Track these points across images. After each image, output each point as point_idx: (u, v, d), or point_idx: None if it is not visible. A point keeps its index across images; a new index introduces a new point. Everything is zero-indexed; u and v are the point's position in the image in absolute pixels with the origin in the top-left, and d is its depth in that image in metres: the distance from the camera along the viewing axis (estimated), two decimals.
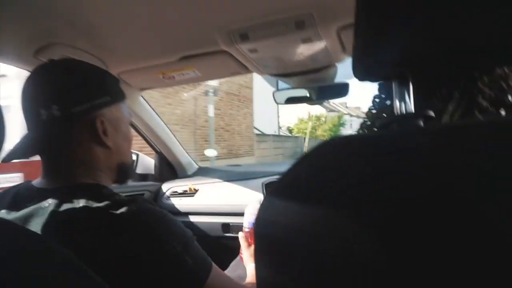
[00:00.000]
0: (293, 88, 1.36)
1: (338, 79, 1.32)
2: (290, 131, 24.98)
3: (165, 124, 1.69)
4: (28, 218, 0.59)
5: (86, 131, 0.66)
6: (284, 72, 1.22)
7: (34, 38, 0.97)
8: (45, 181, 0.66)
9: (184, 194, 1.65)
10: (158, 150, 1.74)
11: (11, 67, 1.09)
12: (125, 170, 0.75)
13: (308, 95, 1.36)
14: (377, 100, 0.37)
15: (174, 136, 1.77)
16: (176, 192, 1.67)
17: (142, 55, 1.13)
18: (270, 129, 14.35)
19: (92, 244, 0.54)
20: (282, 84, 1.36)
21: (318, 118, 28.48)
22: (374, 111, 0.37)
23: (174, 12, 0.87)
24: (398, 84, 0.32)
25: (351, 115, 33.15)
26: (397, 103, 0.32)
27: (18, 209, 0.61)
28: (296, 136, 21.29)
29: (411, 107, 0.32)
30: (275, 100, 1.36)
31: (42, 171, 0.68)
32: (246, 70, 1.21)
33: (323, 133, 27.00)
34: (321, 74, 1.24)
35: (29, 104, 0.65)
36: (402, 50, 0.32)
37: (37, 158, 0.69)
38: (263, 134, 13.15)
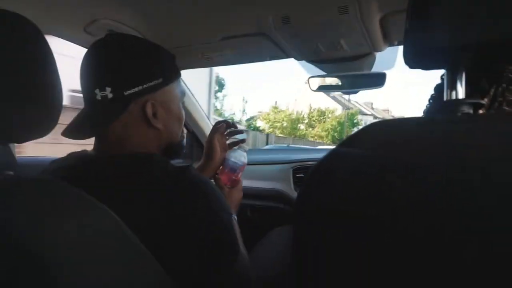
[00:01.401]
0: (328, 75, 1.35)
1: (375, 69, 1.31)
2: (249, 124, 23.89)
3: (199, 105, 1.73)
4: (83, 182, 0.61)
5: (137, 114, 0.67)
6: (322, 58, 1.22)
7: (82, 13, 1.01)
8: (101, 150, 0.69)
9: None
10: (191, 129, 1.78)
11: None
12: (174, 149, 0.76)
13: (342, 83, 1.35)
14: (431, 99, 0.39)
15: (207, 116, 1.81)
16: None
17: (183, 35, 1.16)
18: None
19: (147, 210, 0.55)
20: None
21: (322, 113, 26.59)
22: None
23: None
24: (451, 71, 0.33)
25: (375, 117, 32.28)
26: (447, 90, 0.33)
27: (66, 171, 0.63)
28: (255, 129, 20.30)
29: (462, 95, 0.32)
30: (309, 86, 1.36)
31: (96, 143, 0.70)
32: (283, 54, 1.22)
33: (320, 133, 25.30)
34: (358, 63, 1.23)
35: (86, 83, 0.67)
36: (458, 35, 0.32)
37: None
38: None
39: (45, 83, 0.53)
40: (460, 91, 0.32)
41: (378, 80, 1.28)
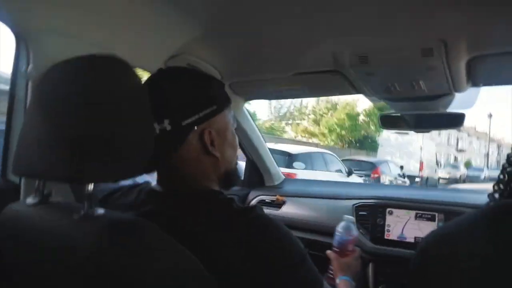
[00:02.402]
0: (401, 113, 1.30)
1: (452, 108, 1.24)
2: None
3: (260, 132, 1.75)
4: (149, 218, 0.62)
5: (196, 143, 0.68)
6: (396, 96, 1.18)
7: (166, 48, 1.08)
8: (164, 185, 0.70)
9: (271, 204, 1.67)
10: (250, 157, 1.80)
11: None
12: (231, 177, 0.77)
13: (415, 122, 1.30)
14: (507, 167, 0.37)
15: (266, 145, 1.82)
16: (263, 200, 1.71)
17: (257, 70, 1.19)
18: None
19: (211, 251, 0.56)
20: None
21: (333, 106, 21.05)
22: None
23: (295, 35, 0.90)
24: None
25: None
26: None
27: (138, 208, 0.66)
28: None
29: None
30: (379, 123, 1.32)
31: (159, 177, 0.72)
32: (356, 91, 1.20)
33: (322, 130, 20.54)
34: (435, 102, 1.18)
35: None
36: None
37: None
38: None
39: (138, 125, 0.55)
40: None
41: (455, 121, 1.21)
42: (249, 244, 0.58)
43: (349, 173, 6.93)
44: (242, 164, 1.87)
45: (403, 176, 10.61)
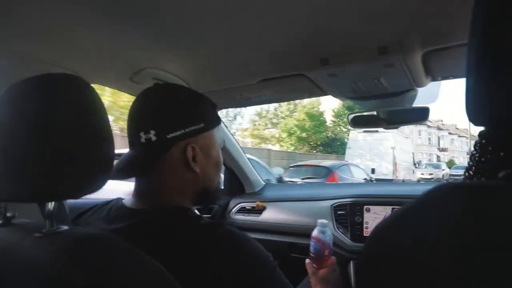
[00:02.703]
0: (367, 111, 1.33)
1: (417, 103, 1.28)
2: None
3: (237, 141, 1.76)
4: (118, 235, 0.63)
5: (178, 156, 0.69)
6: (361, 95, 1.21)
7: (128, 65, 1.08)
8: (136, 201, 0.71)
9: (252, 210, 1.68)
10: (229, 165, 1.80)
11: None
12: (209, 195, 0.77)
13: (383, 118, 1.33)
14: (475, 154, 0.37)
15: (244, 153, 1.83)
16: (244, 208, 1.72)
17: (224, 79, 1.20)
18: None
19: (180, 266, 0.56)
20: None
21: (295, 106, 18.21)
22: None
23: (257, 40, 0.92)
24: None
25: (428, 126, 30.75)
26: None
27: (109, 225, 0.66)
28: None
29: None
30: (349, 123, 1.35)
31: (134, 192, 0.73)
32: (322, 93, 1.22)
33: (280, 134, 17.94)
34: (399, 98, 1.20)
35: (132, 127, 0.71)
36: None
37: None
38: None
39: (99, 141, 0.55)
40: None
41: (421, 114, 1.25)
42: (219, 259, 0.58)
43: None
44: (221, 175, 1.88)
45: (371, 180, 9.29)
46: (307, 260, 1.03)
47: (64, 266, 0.45)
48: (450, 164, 26.86)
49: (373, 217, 1.37)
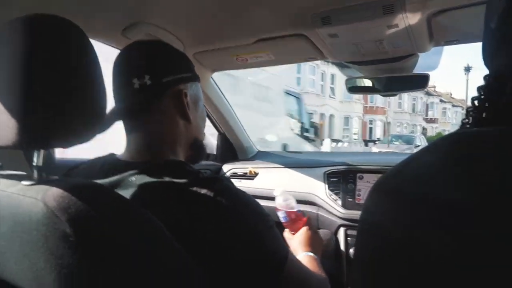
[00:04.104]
0: (366, 76, 1.30)
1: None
2: None
3: (231, 106, 1.72)
4: (113, 188, 0.62)
5: (173, 102, 0.69)
6: (361, 59, 1.17)
7: (122, 16, 1.02)
8: (131, 155, 0.69)
9: (244, 176, 1.67)
10: (222, 131, 1.78)
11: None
12: (200, 148, 0.78)
13: (382, 85, 1.30)
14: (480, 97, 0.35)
15: (238, 118, 1.80)
16: (236, 173, 1.70)
17: (219, 37, 1.15)
18: None
19: (178, 220, 0.55)
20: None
21: None
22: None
23: None
24: None
25: (441, 100, 26.89)
26: None
27: (104, 178, 0.64)
28: None
29: None
30: (347, 88, 1.32)
31: (127, 145, 0.71)
32: (321, 55, 1.18)
33: None
34: (399, 64, 1.18)
35: (122, 75, 0.69)
36: None
37: None
38: None
39: (89, 87, 0.52)
40: None
41: (420, 82, 1.23)
42: (217, 212, 0.57)
43: None
44: (213, 141, 1.85)
45: None
46: (285, 233, 1.02)
47: (51, 212, 0.43)
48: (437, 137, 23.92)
49: (366, 186, 1.37)
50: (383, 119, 22.67)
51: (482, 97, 0.35)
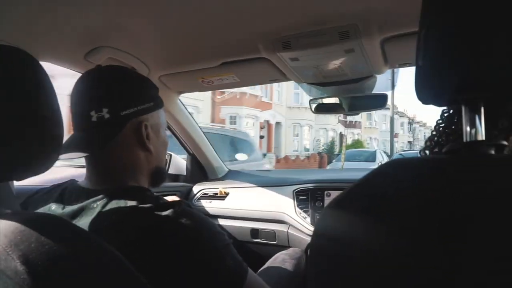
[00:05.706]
0: (328, 97, 1.35)
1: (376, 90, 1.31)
2: None
3: (199, 127, 1.72)
4: (75, 216, 0.62)
5: (132, 135, 0.69)
6: (322, 81, 1.22)
7: (84, 41, 1.01)
8: (91, 182, 0.69)
9: (214, 197, 1.67)
10: (191, 152, 1.77)
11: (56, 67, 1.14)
12: (160, 174, 0.79)
13: (344, 105, 1.35)
14: (440, 123, 0.37)
15: (207, 139, 1.80)
16: (206, 194, 1.70)
17: (184, 60, 1.16)
18: None
19: (139, 245, 0.56)
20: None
21: None
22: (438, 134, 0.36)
23: (217, 20, 0.89)
24: (469, 109, 0.32)
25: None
26: (467, 128, 0.31)
27: (64, 206, 0.64)
28: None
29: (481, 134, 0.31)
30: (310, 108, 1.36)
31: (87, 173, 0.70)
32: (284, 77, 1.22)
33: None
34: (359, 85, 1.23)
35: (80, 106, 0.68)
36: (473, 74, 0.31)
37: None
38: None
39: (45, 115, 0.51)
40: (479, 131, 0.31)
41: (379, 101, 1.28)
42: (177, 235, 0.58)
43: None
44: (183, 161, 1.84)
45: None
46: None
47: (2, 249, 0.42)
48: (357, 145, 20.34)
49: None
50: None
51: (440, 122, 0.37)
